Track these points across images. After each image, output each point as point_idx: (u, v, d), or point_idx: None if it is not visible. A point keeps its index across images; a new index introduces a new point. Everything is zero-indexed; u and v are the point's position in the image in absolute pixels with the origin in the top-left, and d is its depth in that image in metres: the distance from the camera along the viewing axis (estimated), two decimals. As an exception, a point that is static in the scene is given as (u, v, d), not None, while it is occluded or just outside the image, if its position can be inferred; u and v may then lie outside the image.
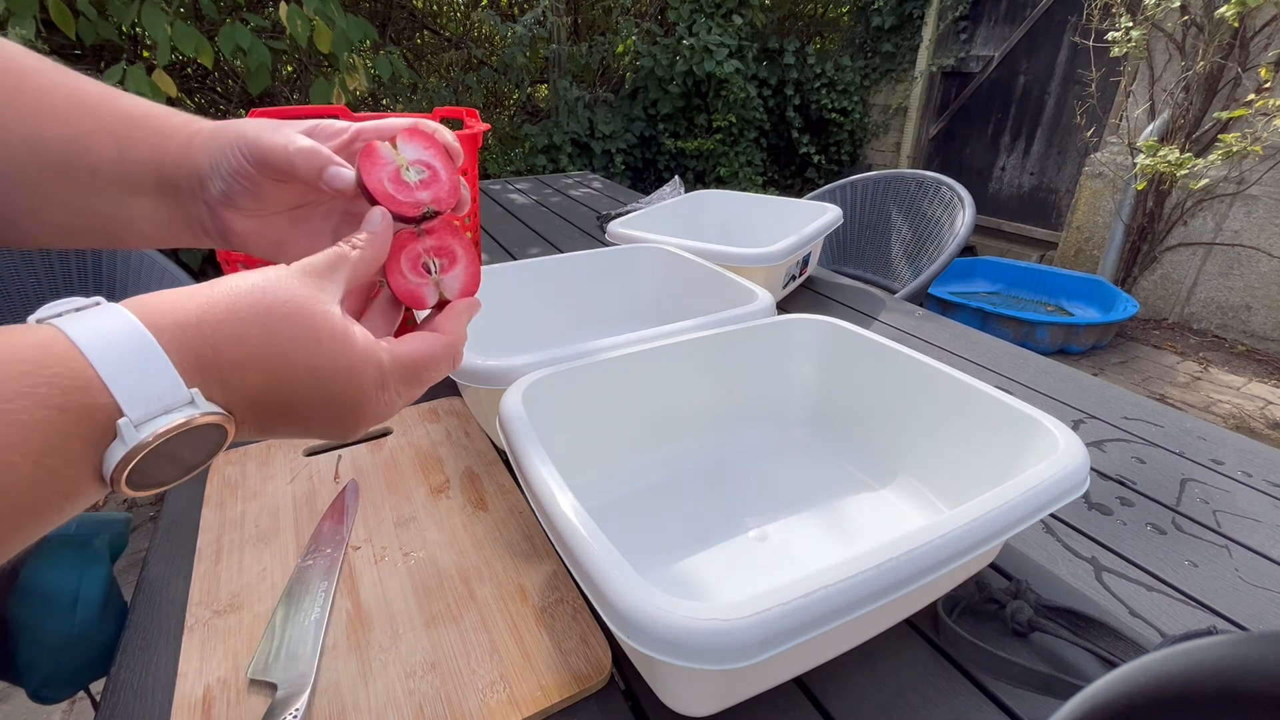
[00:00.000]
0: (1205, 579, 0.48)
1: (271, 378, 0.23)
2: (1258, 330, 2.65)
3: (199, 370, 0.22)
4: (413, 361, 0.28)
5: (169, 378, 0.21)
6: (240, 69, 2.16)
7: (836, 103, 4.29)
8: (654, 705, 0.37)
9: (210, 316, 0.22)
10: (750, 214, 1.15)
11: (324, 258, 0.27)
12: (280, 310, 0.23)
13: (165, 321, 0.21)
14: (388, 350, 0.27)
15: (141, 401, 0.20)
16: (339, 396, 0.25)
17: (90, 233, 0.31)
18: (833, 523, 0.50)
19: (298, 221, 0.33)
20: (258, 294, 0.23)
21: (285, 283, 0.24)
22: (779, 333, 0.59)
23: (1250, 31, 2.44)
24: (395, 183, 0.30)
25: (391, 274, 0.30)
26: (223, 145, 0.29)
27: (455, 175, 0.31)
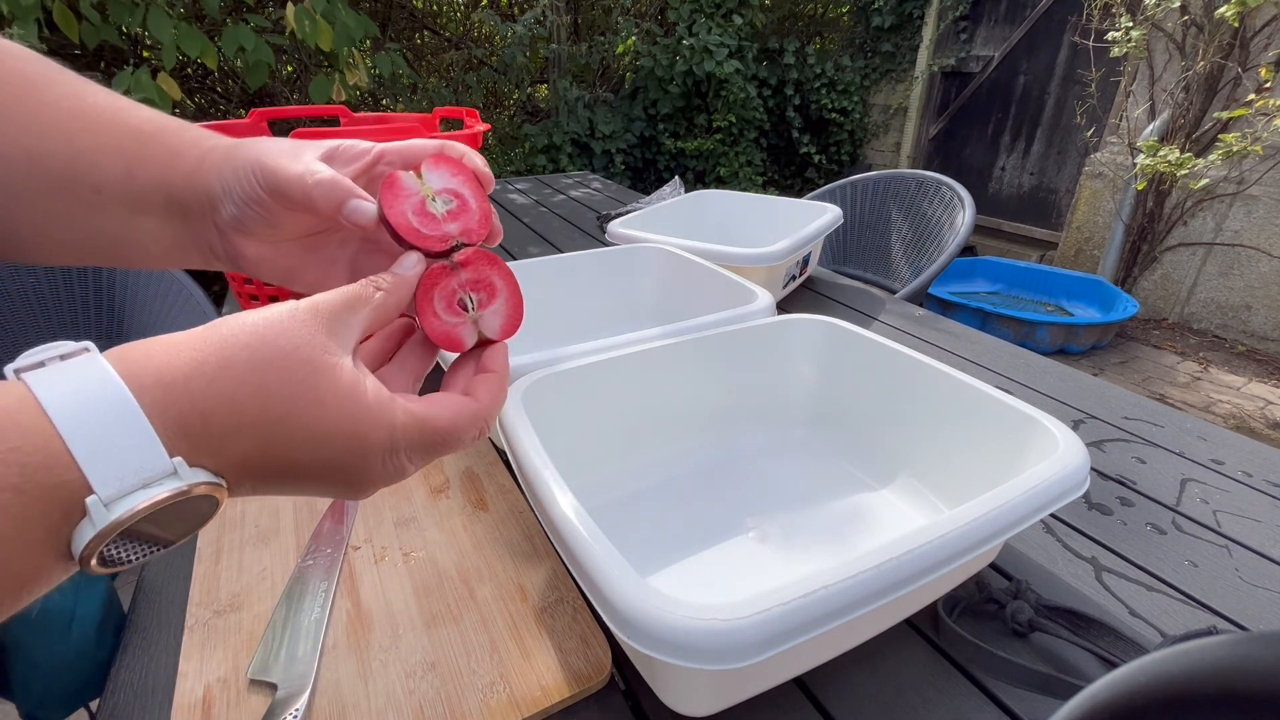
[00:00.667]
0: (1205, 579, 0.48)
1: (266, 442, 0.21)
2: (1258, 330, 2.65)
3: (184, 436, 0.19)
4: (430, 429, 0.25)
5: (149, 448, 0.19)
6: (240, 68, 2.16)
7: (836, 103, 4.29)
8: (654, 705, 0.37)
9: (199, 374, 0.20)
10: (750, 214, 1.15)
11: (341, 297, 0.24)
12: (280, 364, 0.21)
13: (149, 380, 0.19)
14: (404, 412, 0.24)
15: (115, 477, 0.18)
16: (341, 462, 0.23)
17: (96, 251, 0.30)
18: (833, 523, 0.50)
19: (312, 249, 0.31)
20: (256, 344, 0.21)
21: (290, 329, 0.22)
22: (779, 333, 0.59)
23: (1250, 31, 2.44)
24: (420, 215, 0.27)
25: (424, 313, 0.27)
26: (236, 169, 0.27)
27: (486, 204, 0.29)
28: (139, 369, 0.19)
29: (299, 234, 0.30)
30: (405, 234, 0.27)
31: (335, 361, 0.22)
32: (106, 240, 0.29)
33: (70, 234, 0.28)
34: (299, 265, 0.31)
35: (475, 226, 0.28)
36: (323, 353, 0.22)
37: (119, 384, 0.19)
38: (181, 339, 0.21)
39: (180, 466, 0.19)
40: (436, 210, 0.28)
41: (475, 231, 0.28)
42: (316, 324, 0.23)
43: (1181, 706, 0.12)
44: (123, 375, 0.19)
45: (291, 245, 0.30)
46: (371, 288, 0.25)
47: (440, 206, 0.28)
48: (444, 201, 0.28)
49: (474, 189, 0.29)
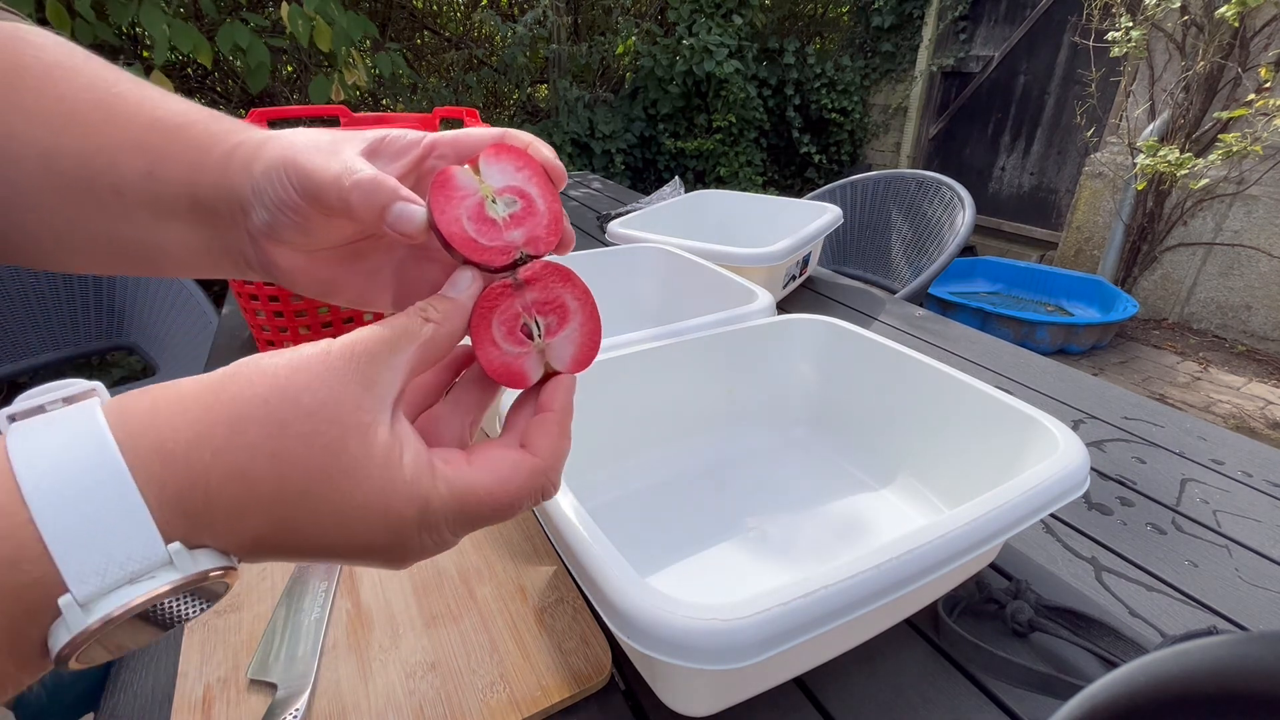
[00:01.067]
0: (1205, 579, 0.48)
1: (282, 521, 0.18)
2: (1258, 330, 2.65)
3: (184, 515, 0.17)
4: (476, 502, 0.21)
5: (140, 534, 0.16)
6: (240, 68, 2.16)
7: (836, 103, 4.29)
8: (654, 705, 0.37)
9: (205, 442, 0.17)
10: (750, 214, 1.15)
11: (382, 335, 0.20)
12: (303, 428, 0.18)
13: (147, 447, 0.16)
14: (446, 484, 0.20)
15: (95, 572, 0.15)
16: (370, 540, 0.20)
17: (121, 260, 0.26)
18: (833, 523, 0.50)
19: (354, 258, 0.27)
20: (275, 401, 0.18)
21: (318, 381, 0.19)
22: (779, 333, 0.59)
23: (1250, 31, 2.44)
24: (478, 221, 0.23)
25: (480, 342, 0.23)
26: (267, 169, 0.23)
27: (557, 205, 0.24)
28: (138, 430, 0.17)
29: (338, 241, 0.26)
30: (459, 245, 0.22)
31: (369, 422, 0.19)
32: (131, 248, 0.26)
33: (92, 241, 0.25)
34: (338, 277, 0.27)
35: (543, 233, 0.24)
36: (355, 411, 0.19)
37: (113, 453, 0.16)
38: (191, 393, 0.18)
39: (178, 554, 0.16)
40: (497, 214, 0.23)
41: (543, 239, 0.24)
42: (351, 373, 0.19)
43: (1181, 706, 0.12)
44: (120, 439, 0.16)
45: (329, 254, 0.26)
46: (419, 319, 0.22)
47: (502, 209, 0.23)
48: (506, 203, 0.24)
49: (542, 186, 0.24)
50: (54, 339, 1.38)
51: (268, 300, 0.67)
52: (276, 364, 0.19)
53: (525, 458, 0.22)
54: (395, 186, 0.23)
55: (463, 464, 0.21)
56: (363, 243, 0.27)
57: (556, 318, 0.24)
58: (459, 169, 0.23)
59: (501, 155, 0.24)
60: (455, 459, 0.21)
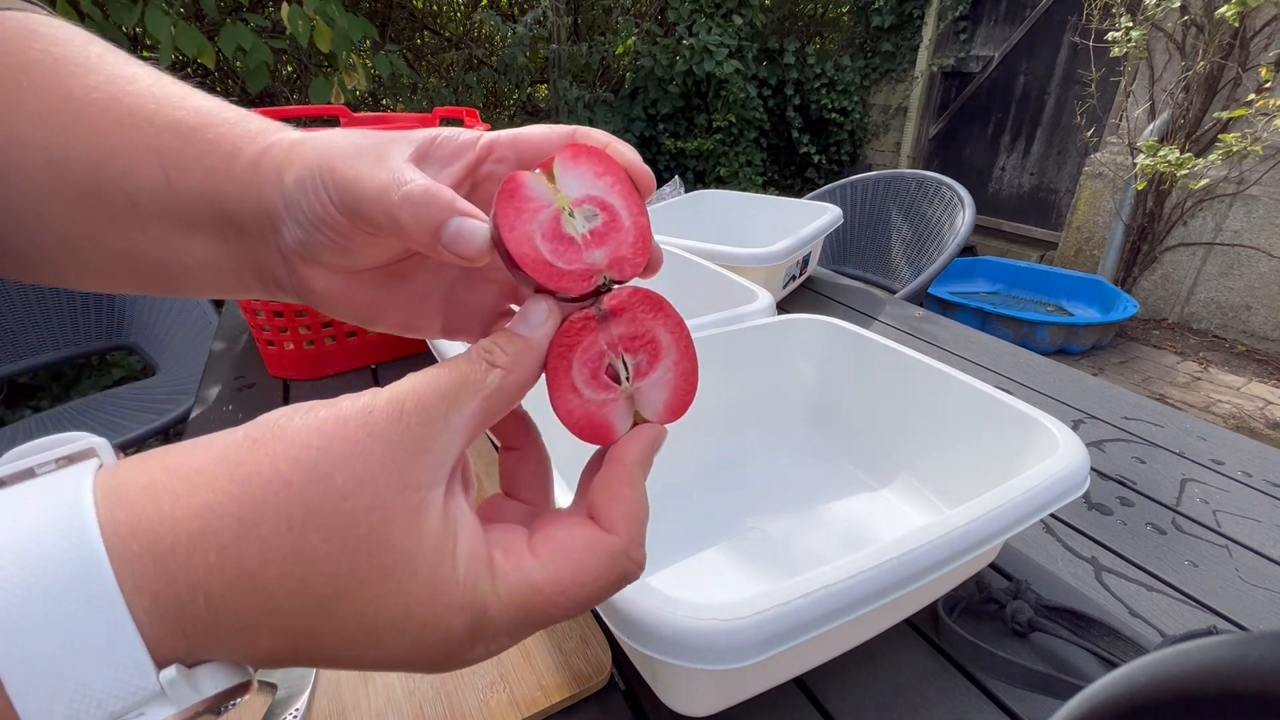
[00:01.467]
0: (1205, 579, 0.48)
1: (300, 635, 0.15)
2: (1258, 330, 2.65)
3: (182, 633, 0.13)
4: (546, 603, 0.17)
5: (127, 662, 0.12)
6: (240, 69, 2.16)
7: (836, 103, 4.29)
8: (654, 705, 0.37)
9: (209, 539, 0.14)
10: (750, 214, 1.15)
11: (438, 386, 0.17)
12: (334, 518, 0.14)
13: (138, 544, 0.13)
14: (508, 586, 0.17)
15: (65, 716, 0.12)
16: (408, 656, 0.16)
17: (139, 278, 0.23)
18: (833, 523, 0.50)
19: (399, 278, 0.23)
20: (301, 482, 0.14)
21: (357, 455, 0.15)
22: (779, 333, 0.59)
23: (1250, 31, 2.44)
24: (554, 239, 0.19)
25: (558, 389, 0.20)
26: (301, 178, 0.20)
27: (644, 217, 0.20)
28: (130, 520, 0.13)
29: (384, 261, 0.22)
30: (533, 270, 0.19)
31: (417, 504, 0.15)
32: (149, 265, 0.22)
33: (106, 258, 0.22)
34: (381, 301, 0.23)
35: (629, 253, 0.20)
36: (401, 491, 0.15)
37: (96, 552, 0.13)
38: (203, 466, 0.14)
39: (173, 684, 0.13)
40: (576, 230, 0.19)
41: (629, 261, 0.20)
42: (398, 438, 0.15)
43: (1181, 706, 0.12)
44: (107, 531, 0.13)
45: (372, 275, 0.22)
46: (483, 364, 0.18)
47: (581, 224, 0.19)
48: (585, 217, 0.20)
49: (627, 196, 0.20)
50: (54, 339, 1.38)
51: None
52: (308, 427, 0.15)
53: (600, 538, 0.18)
54: (452, 199, 0.19)
55: (526, 555, 0.17)
56: (408, 261, 0.23)
57: (647, 356, 0.20)
58: (530, 175, 0.19)
59: (580, 158, 0.20)
60: (517, 548, 0.18)
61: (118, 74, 0.21)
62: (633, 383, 0.20)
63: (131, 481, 0.14)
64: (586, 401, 0.20)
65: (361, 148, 0.20)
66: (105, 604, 0.12)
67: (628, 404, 0.20)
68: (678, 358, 0.21)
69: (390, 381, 0.16)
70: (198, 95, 0.22)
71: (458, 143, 0.21)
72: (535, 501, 0.22)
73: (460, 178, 0.21)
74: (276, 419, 0.16)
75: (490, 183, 0.21)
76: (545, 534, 0.18)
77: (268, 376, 0.73)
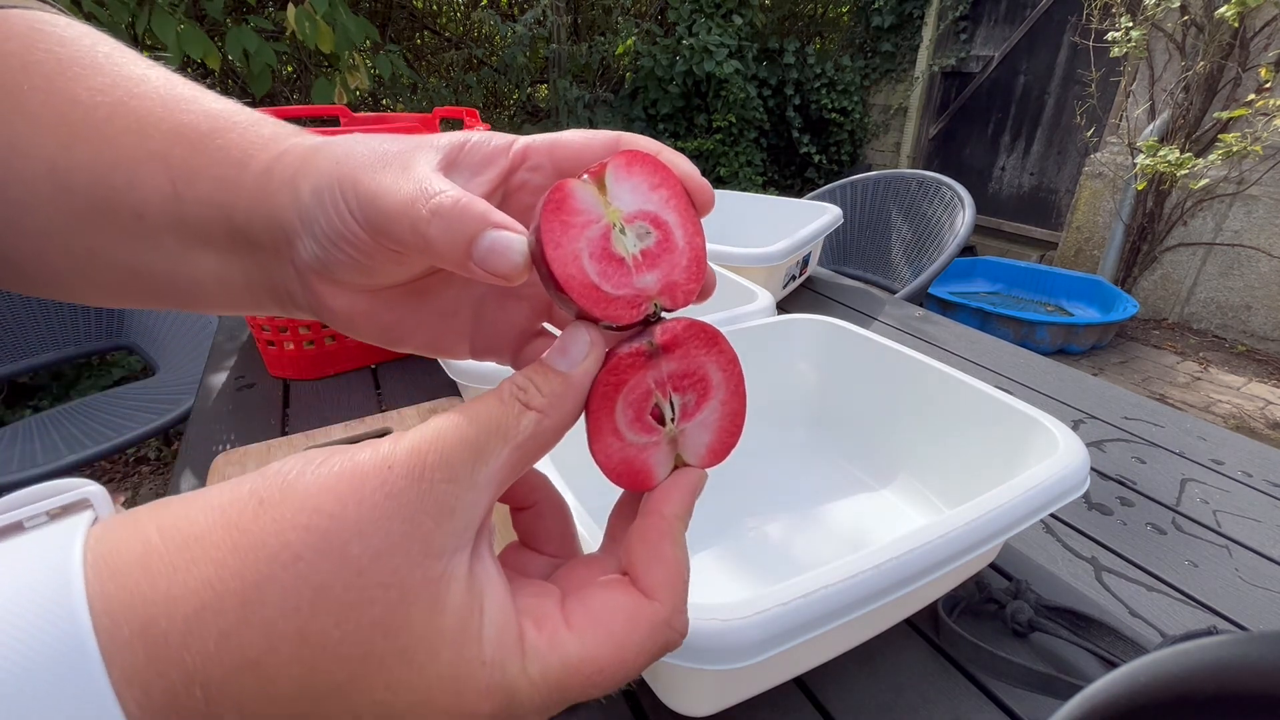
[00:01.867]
0: (1205, 579, 0.48)
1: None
2: (1258, 330, 2.65)
3: None
4: (583, 681, 0.15)
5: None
6: (241, 69, 2.16)
7: (836, 103, 4.29)
8: (654, 705, 0.37)
9: (210, 623, 0.12)
10: (750, 214, 1.15)
11: (465, 434, 0.15)
12: (347, 599, 0.13)
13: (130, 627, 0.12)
14: (540, 664, 0.15)
15: None
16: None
17: (149, 294, 0.21)
18: (833, 523, 0.50)
19: (424, 294, 0.21)
20: (311, 556, 0.13)
21: (373, 523, 0.13)
22: (779, 333, 0.59)
23: (1250, 31, 2.44)
24: (602, 259, 0.17)
25: (598, 432, 0.18)
26: (318, 189, 0.18)
27: (700, 238, 0.18)
28: (123, 598, 0.12)
29: (408, 278, 0.20)
30: (581, 297, 0.16)
31: (439, 575, 0.14)
32: (159, 281, 0.21)
33: (113, 272, 0.20)
34: (404, 320, 0.21)
35: (683, 278, 0.18)
36: (422, 561, 0.14)
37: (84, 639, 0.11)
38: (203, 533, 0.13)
39: None
40: (626, 250, 0.17)
41: (682, 287, 0.18)
42: (419, 499, 0.14)
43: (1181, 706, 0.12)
44: (98, 610, 0.11)
45: (395, 293, 0.21)
46: (516, 406, 0.16)
47: (633, 243, 0.17)
48: (639, 234, 0.17)
49: (683, 212, 0.18)
50: (54, 339, 1.38)
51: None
52: (321, 487, 0.14)
53: (642, 609, 0.16)
54: (485, 210, 0.17)
55: (560, 628, 0.16)
56: (433, 277, 0.21)
57: (695, 396, 0.18)
58: (579, 184, 0.17)
59: (636, 167, 0.18)
60: (550, 619, 0.16)
61: (125, 75, 0.20)
62: (678, 425, 0.19)
63: (125, 548, 0.13)
64: (627, 445, 0.18)
65: (385, 155, 0.18)
66: (91, 695, 0.11)
67: (670, 447, 0.19)
68: (726, 397, 0.19)
69: (390, 381, 0.16)
70: (208, 97, 0.21)
71: (489, 148, 0.19)
72: (560, 554, 0.20)
73: (492, 187, 0.19)
74: (286, 472, 0.14)
75: (524, 193, 0.20)
76: (580, 599, 0.16)
77: (268, 376, 0.73)
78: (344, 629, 0.13)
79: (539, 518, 0.20)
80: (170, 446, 1.92)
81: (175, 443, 1.92)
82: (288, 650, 0.12)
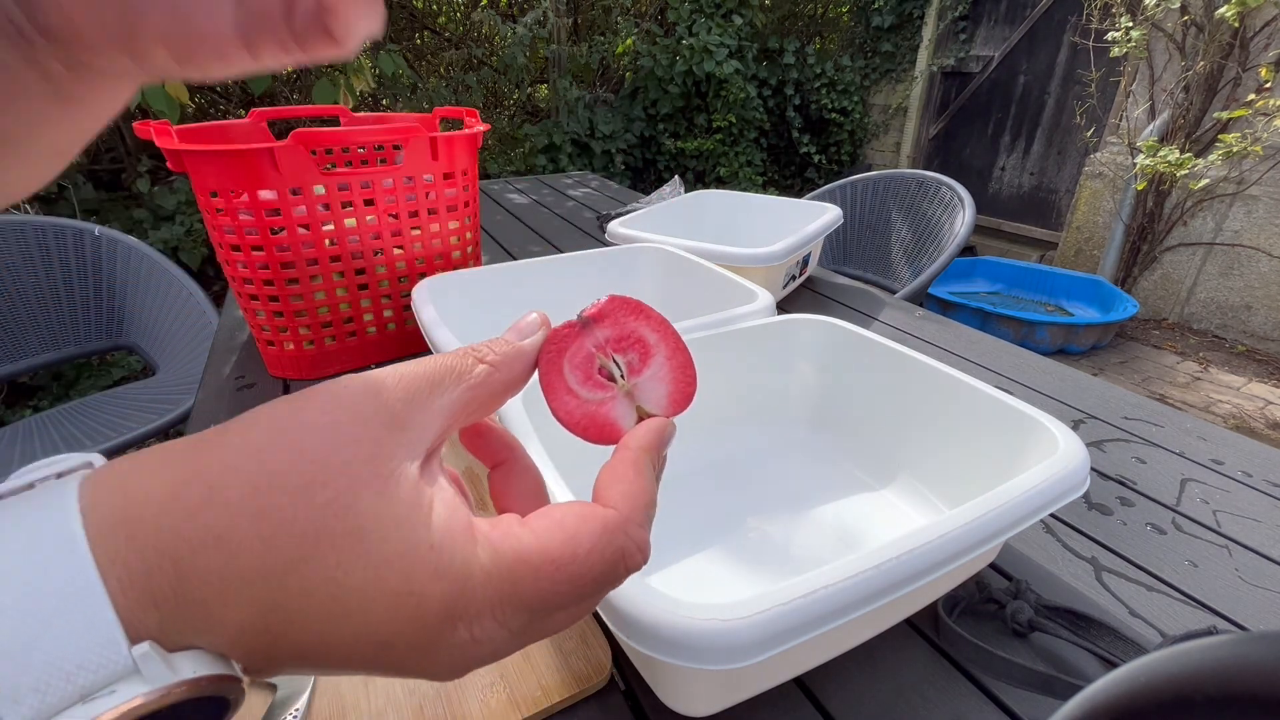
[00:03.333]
0: (1205, 579, 0.48)
1: (268, 608, 0.14)
2: (1258, 330, 2.65)
3: (153, 603, 0.13)
4: (534, 573, 0.16)
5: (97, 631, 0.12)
6: (241, 69, 2.17)
7: (836, 103, 4.29)
8: (654, 705, 0.37)
9: (179, 505, 0.13)
10: (750, 214, 1.15)
11: (420, 371, 0.17)
12: (300, 480, 0.14)
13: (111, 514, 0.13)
14: (491, 550, 0.16)
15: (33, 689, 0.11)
16: (384, 635, 0.15)
17: None
18: (833, 523, 0.50)
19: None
20: (271, 449, 0.14)
21: (328, 423, 0.15)
22: (779, 333, 0.59)
23: (1250, 31, 2.44)
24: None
25: (554, 392, 0.20)
26: None
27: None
28: (105, 497, 0.13)
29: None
30: None
31: (390, 473, 0.15)
32: None
33: None
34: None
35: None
36: (373, 459, 0.15)
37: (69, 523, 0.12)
38: (183, 446, 0.15)
39: (146, 659, 0.12)
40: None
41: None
42: (375, 412, 0.15)
43: (1181, 706, 0.12)
44: (84, 508, 0.13)
45: None
46: (472, 359, 0.18)
47: None
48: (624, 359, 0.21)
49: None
50: (54, 339, 1.38)
51: (268, 300, 0.67)
52: (278, 404, 0.15)
53: (596, 509, 0.17)
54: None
55: (513, 524, 0.17)
56: None
57: (637, 354, 0.20)
58: None
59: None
60: (504, 521, 0.17)
61: None
62: (628, 379, 0.20)
63: (109, 470, 0.14)
64: (585, 402, 0.20)
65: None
66: (77, 576, 0.12)
67: (628, 401, 0.20)
68: (669, 353, 0.21)
69: None
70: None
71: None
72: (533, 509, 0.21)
73: None
74: (257, 409, 0.15)
75: None
76: (537, 513, 0.17)
77: (268, 376, 0.73)
78: (298, 508, 0.14)
79: (511, 475, 0.21)
80: (170, 446, 1.92)
81: (175, 443, 1.92)
82: (247, 526, 0.14)
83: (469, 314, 0.68)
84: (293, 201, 0.62)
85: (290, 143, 0.60)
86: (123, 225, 2.31)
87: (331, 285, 0.68)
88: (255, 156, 0.59)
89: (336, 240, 0.67)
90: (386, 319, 0.74)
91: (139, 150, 2.46)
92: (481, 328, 0.69)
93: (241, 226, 0.62)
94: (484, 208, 1.53)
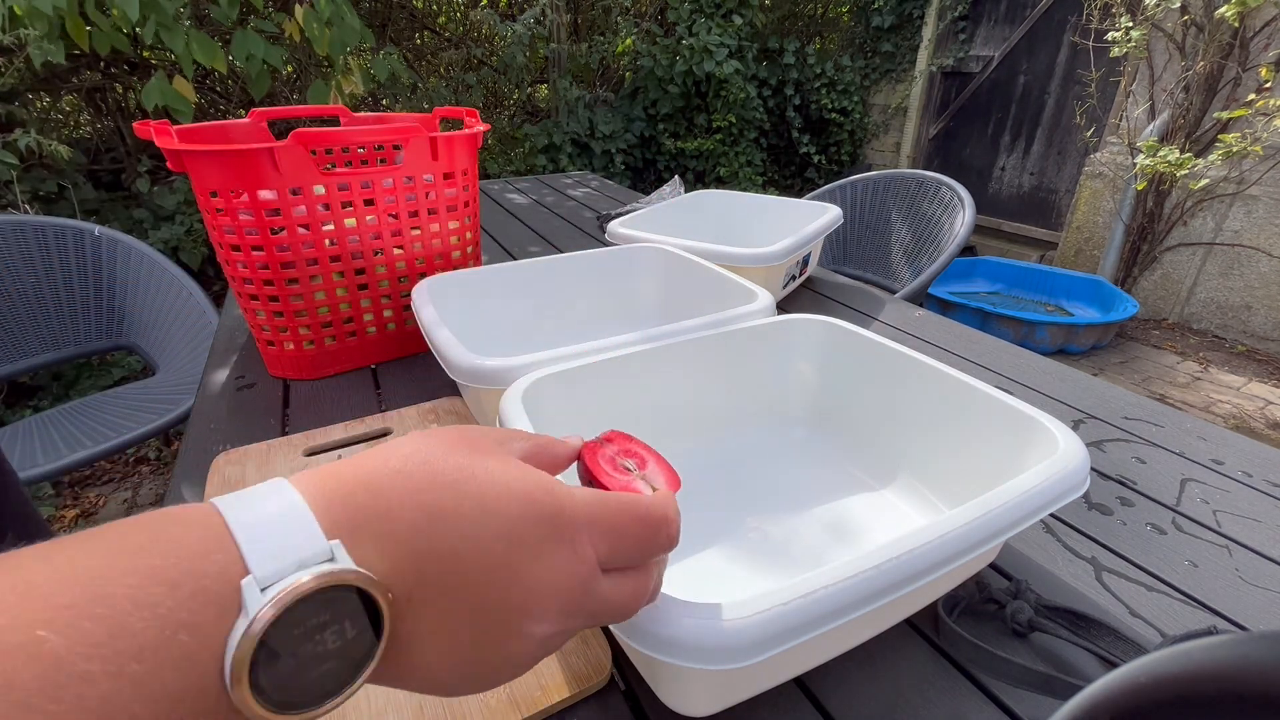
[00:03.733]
0: (1205, 579, 0.48)
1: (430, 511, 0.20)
2: (1258, 330, 2.65)
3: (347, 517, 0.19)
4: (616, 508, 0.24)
5: (308, 530, 0.18)
6: (241, 71, 2.17)
7: (836, 103, 4.29)
8: (654, 705, 0.37)
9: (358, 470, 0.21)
10: (750, 214, 1.15)
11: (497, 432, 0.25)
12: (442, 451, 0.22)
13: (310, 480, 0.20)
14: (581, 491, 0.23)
15: (272, 556, 0.17)
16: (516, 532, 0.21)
17: None
18: (833, 523, 0.50)
19: None
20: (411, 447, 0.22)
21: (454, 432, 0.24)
22: (779, 333, 0.59)
23: (1250, 31, 2.44)
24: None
25: (601, 474, 0.29)
26: None
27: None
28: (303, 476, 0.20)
29: None
30: None
31: (505, 452, 0.24)
32: None
33: None
34: None
35: None
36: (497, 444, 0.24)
37: (283, 482, 0.19)
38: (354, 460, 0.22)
39: (338, 549, 0.18)
40: None
41: None
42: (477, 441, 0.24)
43: (1181, 706, 0.12)
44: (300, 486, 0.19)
45: None
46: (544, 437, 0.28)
47: None
48: None
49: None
50: (54, 339, 1.38)
51: (268, 300, 0.67)
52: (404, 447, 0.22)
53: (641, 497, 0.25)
54: None
55: None
56: None
57: (637, 461, 0.31)
58: None
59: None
60: None
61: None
62: (639, 472, 0.30)
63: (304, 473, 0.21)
64: (618, 480, 0.29)
65: None
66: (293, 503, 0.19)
67: (645, 484, 0.29)
68: (656, 461, 0.31)
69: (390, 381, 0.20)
70: None
71: None
72: None
73: None
74: None
75: None
76: None
77: (268, 376, 0.73)
78: (450, 457, 0.22)
79: None
80: (170, 446, 1.92)
81: (175, 443, 1.92)
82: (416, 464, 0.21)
83: (469, 314, 0.68)
84: (293, 201, 0.62)
85: (290, 143, 0.60)
86: (123, 225, 2.31)
87: (331, 285, 0.68)
88: (255, 156, 0.59)
89: (336, 240, 0.67)
90: (386, 319, 0.74)
91: (139, 150, 2.46)
92: (481, 327, 0.69)
93: (241, 226, 0.62)
94: (484, 208, 1.53)
